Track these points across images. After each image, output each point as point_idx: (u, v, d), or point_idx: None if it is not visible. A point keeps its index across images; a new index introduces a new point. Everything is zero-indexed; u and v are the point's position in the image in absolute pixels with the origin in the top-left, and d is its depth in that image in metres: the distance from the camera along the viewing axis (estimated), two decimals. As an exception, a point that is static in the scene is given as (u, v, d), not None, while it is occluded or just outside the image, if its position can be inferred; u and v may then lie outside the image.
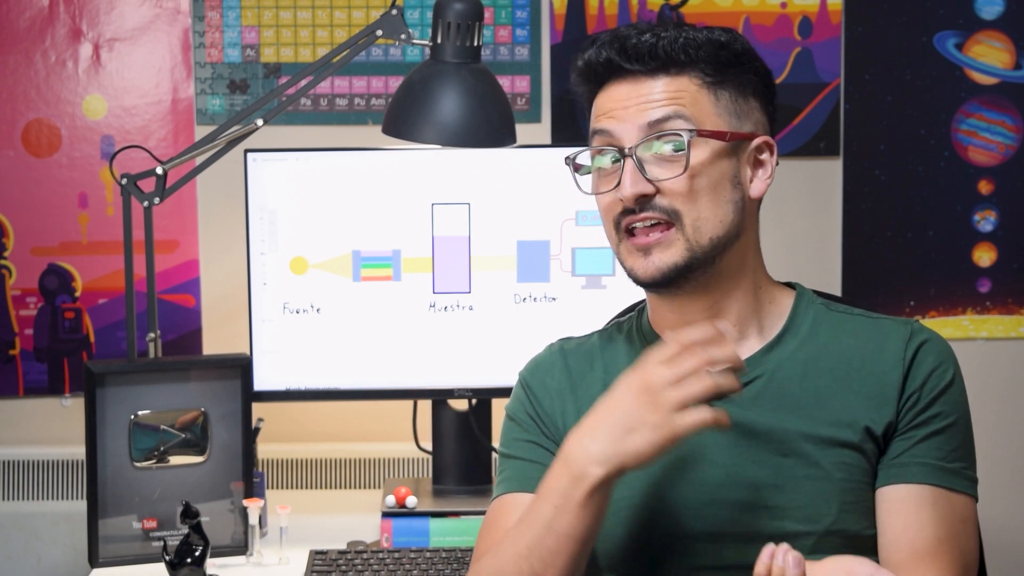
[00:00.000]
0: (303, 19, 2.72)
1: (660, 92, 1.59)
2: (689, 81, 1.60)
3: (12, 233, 2.72)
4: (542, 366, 1.74)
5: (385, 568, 2.16)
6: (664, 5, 2.74)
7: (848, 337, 1.65)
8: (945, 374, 1.62)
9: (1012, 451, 2.86)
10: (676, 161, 1.58)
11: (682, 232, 1.58)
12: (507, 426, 1.74)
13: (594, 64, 1.63)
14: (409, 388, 2.42)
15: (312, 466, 2.72)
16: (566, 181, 2.39)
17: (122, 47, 2.70)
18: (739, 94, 1.62)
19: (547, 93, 2.75)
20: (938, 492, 1.58)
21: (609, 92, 1.62)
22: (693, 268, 1.59)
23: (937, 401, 1.61)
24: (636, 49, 1.59)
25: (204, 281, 2.74)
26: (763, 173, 1.64)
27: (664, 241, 1.59)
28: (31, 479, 2.69)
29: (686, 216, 1.58)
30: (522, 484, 1.67)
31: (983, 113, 2.80)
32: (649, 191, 1.58)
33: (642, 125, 1.58)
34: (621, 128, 1.60)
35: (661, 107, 1.59)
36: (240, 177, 2.39)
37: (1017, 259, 2.83)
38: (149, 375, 2.26)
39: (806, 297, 1.70)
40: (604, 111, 1.62)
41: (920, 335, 1.64)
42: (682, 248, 1.58)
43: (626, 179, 1.58)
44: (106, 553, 2.24)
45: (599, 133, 1.62)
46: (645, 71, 1.60)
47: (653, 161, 1.58)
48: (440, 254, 2.40)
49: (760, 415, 1.61)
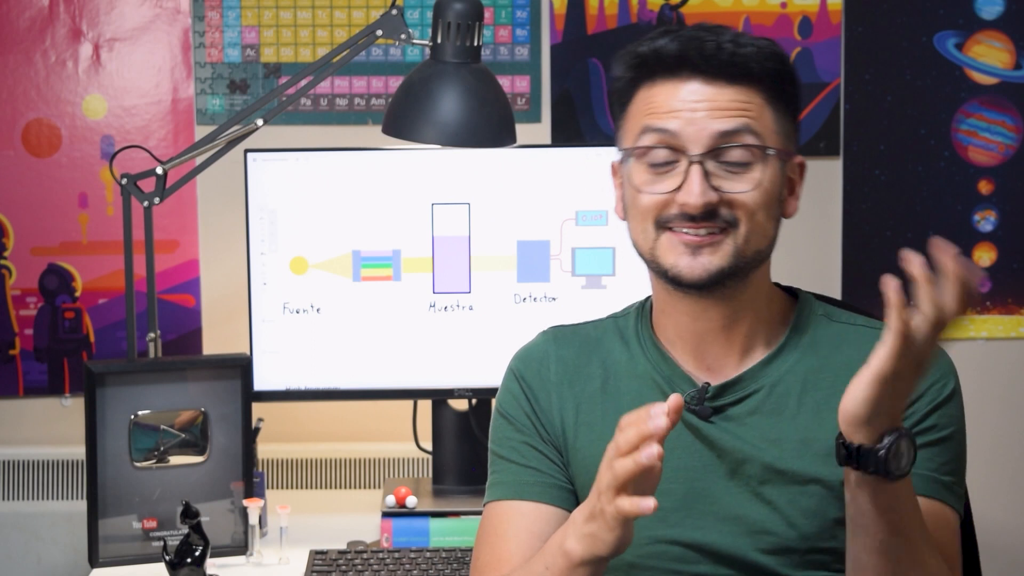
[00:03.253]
0: (303, 19, 2.72)
1: (731, 101, 1.56)
2: (756, 94, 1.57)
3: (12, 233, 2.72)
4: (535, 356, 1.71)
5: (385, 568, 2.16)
6: (664, 5, 2.74)
7: (849, 348, 1.63)
8: (945, 388, 1.62)
9: (1012, 451, 2.86)
10: (743, 174, 1.56)
11: (734, 240, 1.57)
12: (499, 423, 1.70)
13: (666, 56, 1.57)
14: (409, 388, 2.42)
15: (312, 466, 2.72)
16: (566, 181, 2.41)
17: (122, 47, 2.70)
18: (791, 111, 1.62)
19: (547, 93, 2.75)
20: (930, 503, 1.57)
21: (669, 89, 1.58)
22: (735, 275, 1.58)
23: (934, 413, 1.60)
24: (716, 52, 1.56)
25: (204, 281, 2.74)
26: (795, 192, 1.65)
27: (715, 244, 1.57)
28: (31, 479, 2.69)
29: (744, 226, 1.57)
30: (518, 491, 1.65)
31: (983, 113, 2.80)
32: (715, 200, 1.55)
33: (713, 133, 1.55)
34: (688, 131, 1.56)
35: (732, 117, 1.56)
36: (240, 177, 2.39)
37: (1017, 259, 2.83)
38: (149, 375, 2.26)
39: (808, 306, 1.69)
40: (667, 108, 1.57)
41: None
42: (730, 254, 1.57)
43: (694, 186, 1.54)
44: (106, 553, 2.24)
45: (658, 131, 1.57)
46: (720, 76, 1.56)
47: (719, 171, 1.56)
48: (440, 254, 2.40)
49: (753, 431, 1.60)
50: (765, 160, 1.57)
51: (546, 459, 1.66)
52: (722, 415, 1.61)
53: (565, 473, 1.66)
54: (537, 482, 1.65)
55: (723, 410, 1.62)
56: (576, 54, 2.74)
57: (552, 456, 1.66)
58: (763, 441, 1.60)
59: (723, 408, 1.62)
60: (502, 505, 1.66)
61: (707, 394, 1.61)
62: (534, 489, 1.64)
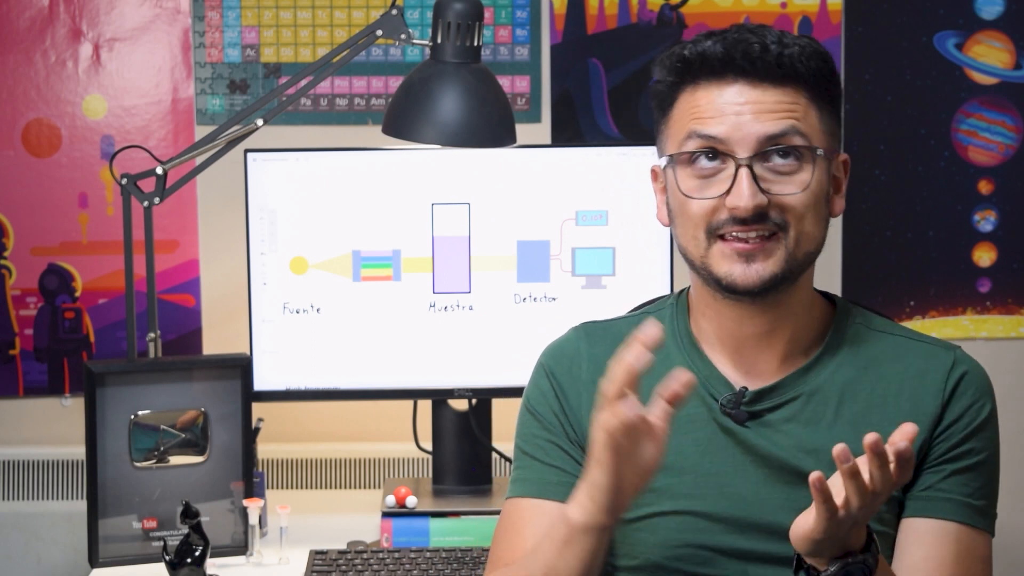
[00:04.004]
0: (303, 19, 2.72)
1: (776, 103, 1.55)
2: (801, 94, 1.56)
3: (12, 233, 2.72)
4: (567, 354, 1.69)
5: (385, 568, 2.16)
6: (664, 5, 2.74)
7: (889, 361, 1.63)
8: (983, 410, 1.62)
9: (1013, 451, 2.84)
10: (792, 176, 1.55)
11: (785, 243, 1.56)
12: (526, 419, 1.69)
13: (711, 58, 1.56)
14: (409, 388, 2.42)
15: (312, 466, 2.72)
16: (566, 181, 2.41)
17: (122, 47, 2.70)
18: (835, 110, 1.61)
19: (547, 93, 2.75)
20: (962, 529, 1.58)
21: (713, 92, 1.56)
22: (787, 280, 1.57)
23: (972, 437, 1.60)
24: (762, 54, 1.54)
25: (204, 281, 2.74)
26: (841, 191, 1.64)
27: (768, 249, 1.56)
28: (31, 479, 2.69)
29: (793, 228, 1.56)
30: (540, 490, 1.64)
31: (983, 113, 2.80)
32: (765, 203, 1.54)
33: (760, 136, 1.54)
34: (735, 135, 1.54)
35: (779, 119, 1.55)
36: (240, 177, 2.39)
37: (1017, 259, 2.83)
38: (149, 375, 2.26)
39: (847, 314, 1.67)
40: (711, 113, 1.56)
41: (962, 365, 1.63)
42: (782, 259, 1.56)
43: (744, 189, 1.53)
44: (106, 553, 2.24)
45: (704, 136, 1.56)
46: (765, 78, 1.55)
47: (767, 174, 1.55)
48: (440, 254, 2.40)
49: (789, 439, 1.59)
50: (813, 161, 1.56)
51: (571, 459, 1.65)
52: (758, 420, 1.60)
53: None
54: (561, 482, 1.63)
55: (759, 416, 1.60)
56: (576, 54, 2.74)
57: (578, 457, 1.65)
58: (799, 450, 1.59)
59: (760, 414, 1.60)
60: (524, 502, 1.65)
61: (744, 399, 1.60)
62: (557, 489, 1.63)
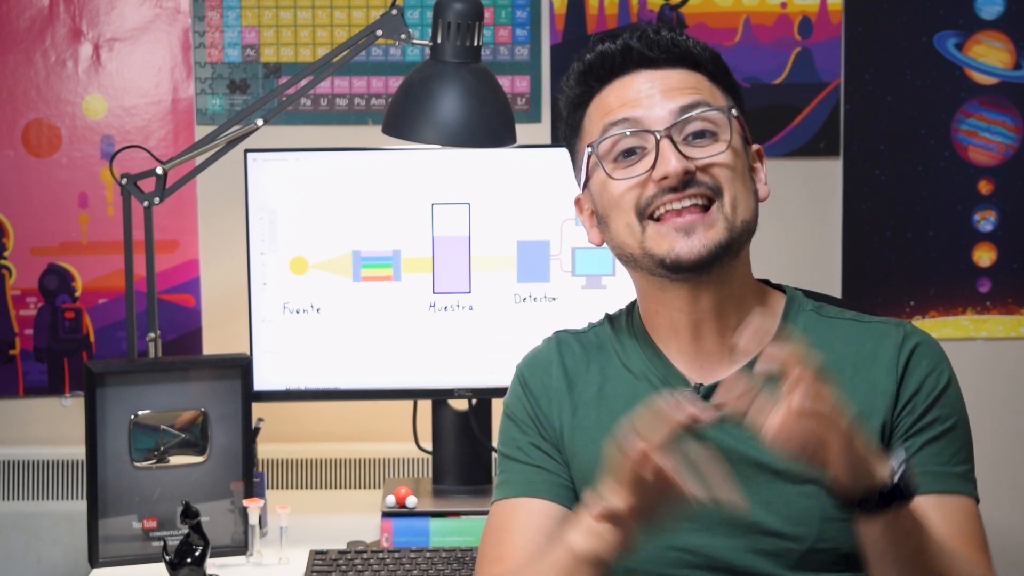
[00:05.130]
0: (303, 19, 2.72)
1: (681, 81, 1.61)
2: (703, 77, 1.62)
3: (12, 233, 2.72)
4: (541, 363, 1.73)
5: (385, 568, 2.16)
6: (664, 5, 2.74)
7: (840, 344, 1.63)
8: (941, 377, 1.61)
9: (1012, 451, 2.86)
10: (712, 141, 1.59)
11: (721, 211, 1.58)
12: (506, 425, 1.72)
13: (611, 55, 1.62)
14: (409, 388, 2.42)
15: (312, 466, 2.72)
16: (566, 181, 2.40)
17: (122, 47, 2.70)
18: (737, 100, 1.66)
19: (547, 93, 2.75)
20: (945, 498, 1.58)
21: (624, 85, 1.62)
22: (730, 249, 1.59)
23: (935, 406, 1.60)
24: (659, 40, 1.61)
25: (204, 281, 2.74)
26: (761, 177, 1.67)
27: (707, 220, 1.58)
28: (31, 479, 2.69)
29: (727, 193, 1.58)
30: (525, 489, 1.66)
31: (983, 113, 2.80)
32: (692, 168, 1.57)
33: (673, 110, 1.59)
34: (648, 115, 1.59)
35: (688, 95, 1.60)
36: (240, 177, 2.39)
37: (1017, 259, 2.83)
38: (149, 375, 2.26)
39: (797, 302, 1.69)
40: (623, 102, 1.61)
41: (913, 338, 1.63)
42: (723, 227, 1.58)
43: (669, 156, 1.57)
44: (106, 553, 2.24)
45: (618, 122, 1.61)
46: (667, 61, 1.61)
47: (687, 145, 1.59)
48: (440, 254, 2.40)
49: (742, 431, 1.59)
50: (729, 125, 1.60)
51: (551, 459, 1.67)
52: None
53: (569, 473, 1.67)
54: (544, 480, 1.66)
55: None
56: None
57: (555, 455, 1.67)
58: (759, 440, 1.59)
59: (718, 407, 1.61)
60: (509, 502, 1.67)
61: (699, 395, 1.61)
62: (541, 487, 1.65)
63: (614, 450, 1.43)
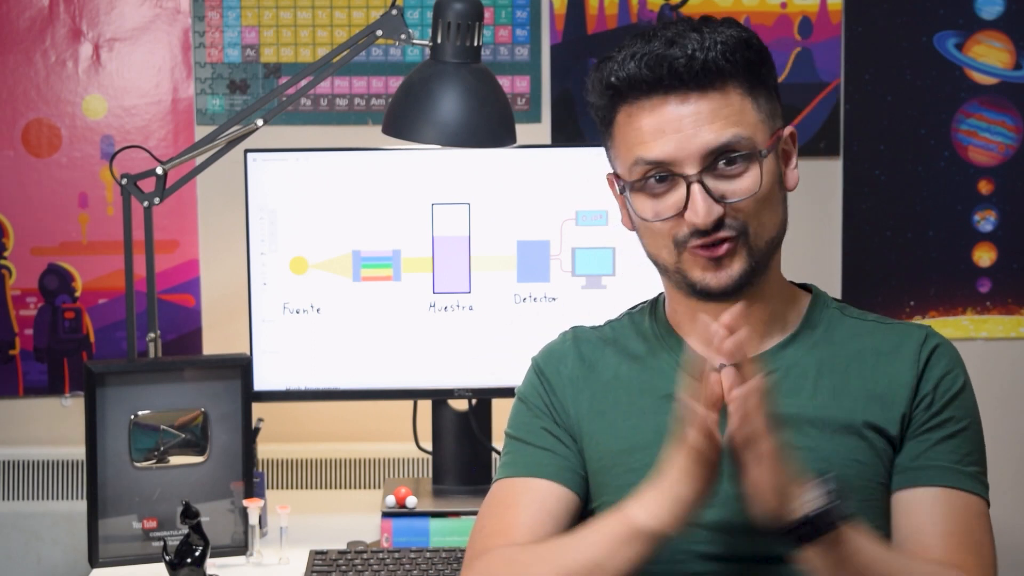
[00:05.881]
0: (303, 19, 2.72)
1: (712, 112, 1.57)
2: (734, 92, 1.58)
3: (12, 233, 2.72)
4: (556, 353, 1.75)
5: (385, 568, 2.16)
6: (664, 5, 2.74)
7: (863, 339, 1.67)
8: (957, 379, 1.65)
9: (1012, 451, 2.86)
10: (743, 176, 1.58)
11: (745, 242, 1.59)
12: (518, 408, 1.74)
13: (636, 81, 1.58)
14: (409, 388, 2.42)
15: (312, 466, 2.72)
16: (566, 181, 2.41)
17: (122, 47, 2.70)
18: (769, 92, 1.62)
19: (547, 93, 2.75)
20: (953, 493, 1.60)
21: (648, 111, 1.59)
22: (756, 272, 1.61)
23: (950, 405, 1.63)
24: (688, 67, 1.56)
25: (204, 281, 2.74)
26: (792, 163, 1.66)
27: (731, 252, 1.59)
28: (31, 479, 2.69)
29: (751, 229, 1.59)
30: (530, 469, 1.67)
31: (983, 113, 2.80)
32: (721, 213, 1.57)
33: (703, 151, 1.57)
34: (679, 155, 1.57)
35: (719, 129, 1.57)
36: (240, 177, 2.39)
37: (1017, 259, 2.83)
38: (149, 375, 2.26)
39: (822, 299, 1.72)
40: (652, 136, 1.58)
41: (934, 339, 1.67)
42: (745, 255, 1.59)
43: (699, 206, 1.56)
44: (106, 553, 2.24)
45: (650, 162, 1.59)
46: (695, 87, 1.57)
47: (718, 181, 1.57)
48: (440, 254, 2.40)
49: None
50: (760, 161, 1.59)
51: (561, 444, 1.69)
52: None
53: (579, 460, 1.69)
54: (552, 463, 1.67)
55: None
56: (576, 54, 2.74)
57: (567, 442, 1.69)
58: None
59: None
60: (514, 481, 1.68)
61: None
62: (548, 469, 1.67)
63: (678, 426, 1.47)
